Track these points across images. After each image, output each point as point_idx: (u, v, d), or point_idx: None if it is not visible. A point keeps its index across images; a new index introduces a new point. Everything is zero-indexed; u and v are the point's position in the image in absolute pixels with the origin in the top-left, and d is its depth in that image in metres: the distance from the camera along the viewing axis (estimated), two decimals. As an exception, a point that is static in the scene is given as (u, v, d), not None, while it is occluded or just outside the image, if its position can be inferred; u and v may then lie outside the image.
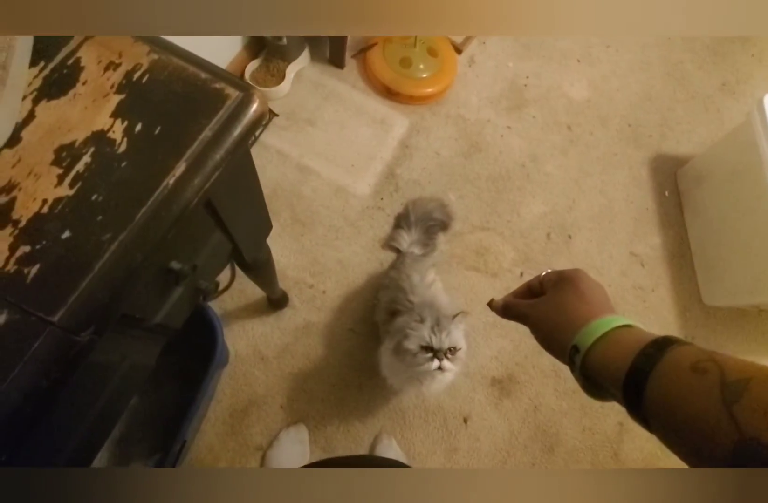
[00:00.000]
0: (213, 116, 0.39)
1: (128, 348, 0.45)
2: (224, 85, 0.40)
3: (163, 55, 0.41)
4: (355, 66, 1.41)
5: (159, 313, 0.46)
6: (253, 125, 0.40)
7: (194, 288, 0.50)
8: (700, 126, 1.56)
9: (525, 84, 1.52)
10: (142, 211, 0.35)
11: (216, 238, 0.51)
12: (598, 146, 1.47)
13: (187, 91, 0.39)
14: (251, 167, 0.49)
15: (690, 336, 1.28)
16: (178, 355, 0.90)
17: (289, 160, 1.24)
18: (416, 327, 0.76)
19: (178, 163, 0.37)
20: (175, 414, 0.77)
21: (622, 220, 1.38)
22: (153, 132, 0.38)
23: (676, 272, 1.34)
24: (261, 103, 0.41)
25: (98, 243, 0.34)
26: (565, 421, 1.12)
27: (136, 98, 0.39)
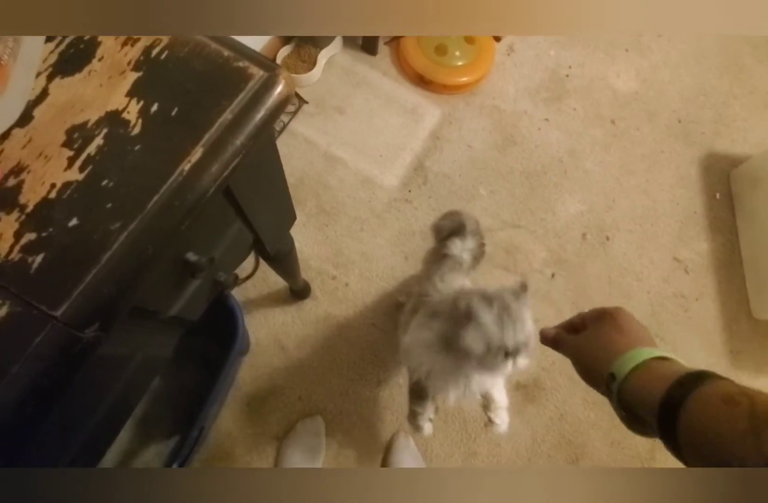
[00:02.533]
0: (234, 97, 0.35)
1: (142, 340, 0.43)
2: (248, 63, 0.37)
3: None
4: (388, 53, 1.35)
5: (174, 306, 0.43)
6: (277, 108, 0.36)
7: (212, 281, 0.47)
8: (759, 124, 1.42)
9: (567, 74, 1.43)
10: (155, 199, 0.32)
11: (236, 229, 0.48)
12: (644, 142, 1.37)
13: (208, 69, 0.36)
14: (275, 154, 0.46)
15: (735, 351, 1.18)
16: (200, 340, 0.90)
17: (316, 148, 1.21)
18: (479, 313, 0.56)
19: (195, 148, 0.33)
20: (194, 397, 0.77)
21: (666, 223, 1.28)
22: (170, 113, 0.34)
23: (723, 281, 1.24)
24: (287, 84, 0.37)
25: (107, 232, 0.31)
26: (593, 433, 1.06)
27: (154, 76, 0.35)
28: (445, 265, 0.93)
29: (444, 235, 1.03)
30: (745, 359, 1.18)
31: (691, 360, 1.16)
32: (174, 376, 0.91)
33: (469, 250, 0.97)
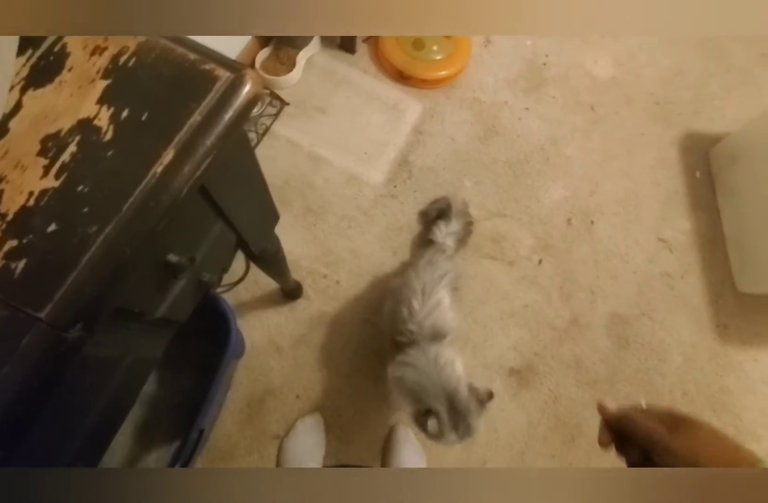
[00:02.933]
0: (202, 99, 0.36)
1: (131, 342, 0.44)
2: (214, 65, 0.38)
3: (150, 37, 0.38)
4: (367, 50, 1.36)
5: (160, 307, 0.45)
6: (245, 108, 0.37)
7: (197, 281, 0.48)
8: (736, 101, 1.44)
9: (544, 63, 1.44)
10: (129, 201, 0.33)
11: (217, 229, 0.49)
12: (624, 126, 1.39)
13: (175, 73, 0.37)
14: (249, 153, 0.47)
15: (722, 325, 1.20)
16: (195, 345, 0.91)
17: (300, 149, 1.21)
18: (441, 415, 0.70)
19: (167, 150, 0.35)
20: (193, 402, 0.78)
21: (649, 204, 1.30)
22: (140, 118, 0.36)
23: (707, 258, 1.26)
24: (254, 84, 0.38)
25: (84, 236, 0.32)
26: (587, 413, 1.08)
27: (123, 83, 0.37)
28: (429, 252, 0.95)
29: (431, 218, 1.05)
30: (732, 333, 1.20)
31: (680, 337, 1.19)
32: (171, 382, 0.92)
33: (454, 233, 0.99)
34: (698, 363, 1.16)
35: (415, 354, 0.78)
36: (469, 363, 1.07)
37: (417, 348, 0.79)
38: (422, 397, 0.73)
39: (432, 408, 0.70)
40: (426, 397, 0.72)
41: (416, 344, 0.79)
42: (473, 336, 1.11)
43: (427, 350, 0.78)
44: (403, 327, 0.81)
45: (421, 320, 0.81)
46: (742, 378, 1.17)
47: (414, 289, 0.84)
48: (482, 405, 0.73)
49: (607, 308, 1.18)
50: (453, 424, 0.70)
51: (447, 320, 0.83)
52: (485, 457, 1.03)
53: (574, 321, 1.16)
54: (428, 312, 0.82)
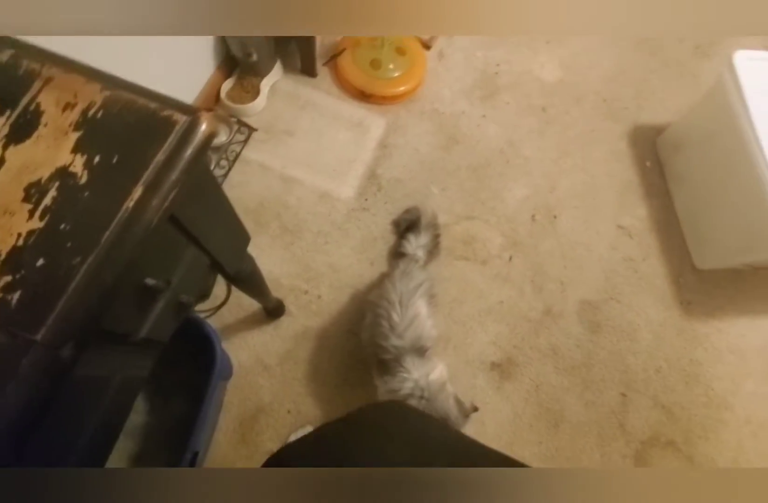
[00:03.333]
0: (164, 141, 0.41)
1: (118, 361, 0.49)
2: (172, 111, 0.43)
3: (115, 91, 0.44)
4: (328, 73, 1.43)
5: (143, 328, 0.48)
6: (203, 144, 0.43)
7: (176, 302, 0.53)
8: (676, 93, 1.54)
9: (496, 72, 1.53)
10: (106, 234, 0.38)
11: (191, 253, 0.54)
12: (575, 125, 1.47)
13: (139, 120, 0.42)
14: (212, 182, 0.52)
15: (686, 302, 1.27)
16: (183, 371, 0.93)
17: (271, 172, 1.27)
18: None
19: (136, 187, 0.40)
20: (185, 427, 0.78)
21: (606, 195, 1.38)
22: (111, 161, 0.41)
23: (665, 240, 1.33)
24: (209, 123, 0.43)
25: (69, 267, 0.37)
26: (568, 397, 1.13)
27: (93, 133, 0.42)
28: (403, 262, 1.00)
29: (402, 229, 1.10)
30: (696, 308, 1.27)
31: (648, 316, 1.26)
32: (162, 410, 0.92)
33: (423, 246, 1.03)
34: (667, 339, 1.23)
35: (402, 377, 0.81)
36: (451, 361, 1.13)
37: (403, 369, 0.81)
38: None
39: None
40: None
41: (402, 359, 0.82)
42: (453, 335, 1.16)
43: (413, 370, 0.81)
44: (386, 343, 0.84)
45: (402, 332, 0.84)
46: (710, 349, 1.23)
47: (392, 302, 0.87)
48: (467, 416, 0.80)
49: (577, 296, 1.24)
50: None
51: (427, 329, 0.87)
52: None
53: (548, 312, 1.22)
54: (408, 324, 0.85)
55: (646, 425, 1.13)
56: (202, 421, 0.77)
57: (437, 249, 1.03)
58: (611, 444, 1.11)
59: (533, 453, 1.08)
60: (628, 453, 1.10)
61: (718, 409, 1.18)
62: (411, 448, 0.47)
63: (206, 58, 1.26)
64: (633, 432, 1.12)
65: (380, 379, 0.86)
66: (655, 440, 1.12)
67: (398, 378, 0.82)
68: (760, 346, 1.26)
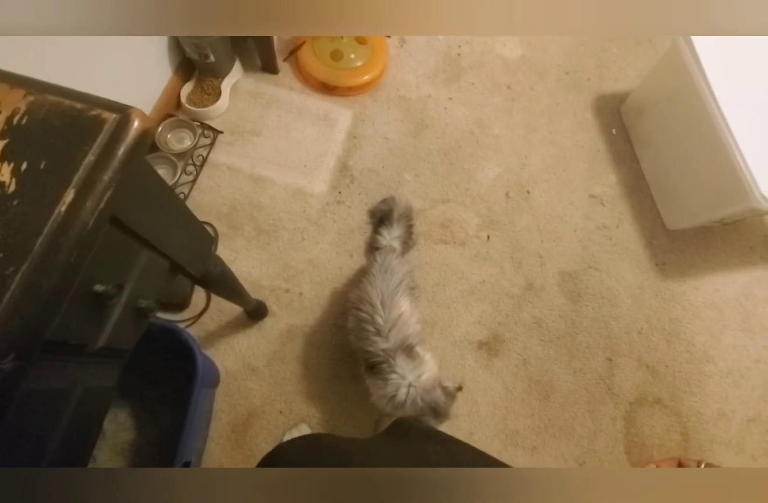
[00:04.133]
0: (93, 141, 0.39)
1: (78, 373, 0.47)
2: (100, 110, 0.41)
3: (39, 96, 0.41)
4: (289, 69, 1.39)
5: (100, 337, 0.47)
6: (137, 142, 0.41)
7: (134, 308, 0.51)
8: (635, 60, 1.53)
9: (458, 53, 1.50)
10: (39, 241, 0.36)
11: (145, 256, 0.52)
12: (540, 99, 1.46)
13: (66, 123, 0.40)
14: (158, 182, 0.50)
15: (660, 263, 1.28)
16: (168, 383, 0.91)
17: (241, 173, 1.24)
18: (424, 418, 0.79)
19: (67, 190, 0.38)
20: (175, 440, 0.76)
21: (576, 166, 1.37)
22: (39, 167, 0.39)
23: (636, 205, 1.34)
24: (142, 120, 0.41)
25: (3, 277, 0.35)
26: (556, 368, 1.14)
27: (19, 140, 0.40)
28: (380, 255, 0.98)
29: (375, 222, 1.08)
30: (670, 268, 1.28)
31: (625, 281, 1.27)
32: (151, 425, 0.89)
33: (398, 238, 1.02)
34: (646, 301, 1.24)
35: (396, 383, 0.80)
36: (439, 345, 1.13)
37: (395, 373, 0.80)
38: (409, 413, 0.80)
39: (419, 418, 0.78)
40: (412, 412, 0.80)
41: (392, 362, 0.81)
42: (439, 319, 1.16)
43: (405, 373, 0.80)
44: (374, 348, 0.82)
45: (388, 335, 0.82)
46: (687, 307, 1.25)
47: (374, 304, 0.84)
48: (453, 398, 0.80)
49: (556, 268, 1.25)
50: (438, 422, 0.79)
51: (412, 326, 0.85)
52: (471, 429, 1.07)
53: (529, 286, 1.22)
54: (393, 325, 0.83)
55: (633, 386, 1.15)
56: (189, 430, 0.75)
57: (411, 240, 1.01)
58: (601, 408, 1.12)
59: (526, 425, 1.09)
60: (618, 415, 1.12)
61: (701, 363, 1.20)
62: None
63: (161, 63, 1.23)
64: (621, 395, 1.14)
65: (372, 383, 0.83)
66: (642, 400, 1.14)
67: (391, 384, 0.80)
68: (734, 299, 1.27)
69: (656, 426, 1.13)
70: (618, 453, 1.09)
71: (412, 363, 0.82)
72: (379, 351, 0.82)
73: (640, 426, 1.12)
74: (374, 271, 0.91)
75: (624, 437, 1.11)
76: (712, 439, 1.13)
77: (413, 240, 1.01)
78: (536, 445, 1.07)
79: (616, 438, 1.10)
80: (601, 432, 1.10)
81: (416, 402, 0.79)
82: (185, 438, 0.74)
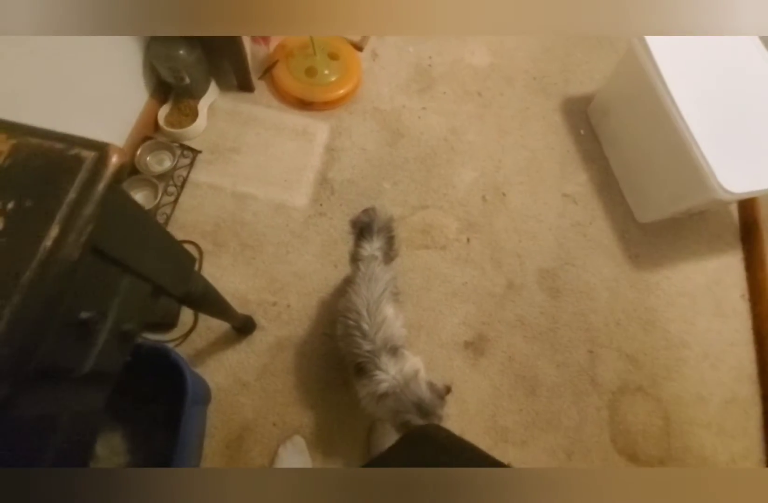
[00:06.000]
0: (74, 179, 0.40)
1: (66, 399, 0.47)
2: (79, 149, 0.42)
3: (21, 138, 0.42)
4: (265, 87, 1.39)
5: (86, 362, 0.47)
6: (115, 176, 0.42)
7: (119, 332, 0.51)
8: (599, 62, 1.55)
9: (429, 64, 1.51)
10: (27, 274, 0.37)
11: (127, 281, 0.52)
12: (510, 105, 1.47)
13: (47, 163, 0.41)
14: (135, 208, 0.51)
15: (634, 256, 1.30)
16: (160, 405, 0.89)
17: (223, 191, 1.23)
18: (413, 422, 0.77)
19: (52, 226, 0.39)
20: (168, 460, 0.74)
21: (548, 167, 1.39)
22: (24, 206, 0.40)
23: (607, 201, 1.35)
24: (119, 156, 0.43)
25: None
26: (540, 363, 1.15)
27: (3, 181, 0.40)
28: (363, 264, 0.97)
29: (357, 230, 1.08)
30: (643, 260, 1.30)
31: (602, 275, 1.29)
32: (144, 447, 0.87)
33: (379, 248, 1.02)
34: (622, 293, 1.25)
35: (379, 379, 0.80)
36: (426, 348, 1.13)
37: (379, 370, 0.81)
38: (396, 414, 0.79)
39: (407, 421, 0.77)
40: (399, 413, 0.78)
41: (376, 361, 0.81)
42: (424, 322, 1.16)
43: (388, 368, 0.81)
44: (360, 350, 0.83)
45: (373, 337, 0.83)
46: (661, 295, 1.26)
47: (360, 312, 0.85)
48: (442, 398, 0.79)
49: (535, 266, 1.25)
50: (425, 421, 0.77)
51: (396, 329, 0.86)
52: (461, 428, 1.07)
53: (510, 285, 1.23)
54: (377, 329, 0.84)
55: (615, 375, 1.16)
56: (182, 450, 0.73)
57: (393, 251, 1.01)
58: (585, 399, 1.13)
59: (515, 420, 1.09)
60: (602, 404, 1.13)
61: (677, 349, 1.21)
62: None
63: (137, 86, 1.22)
64: (604, 384, 1.15)
65: (359, 384, 0.84)
66: (624, 388, 1.15)
67: (375, 380, 0.81)
68: (705, 285, 1.29)
69: (639, 412, 1.13)
70: (604, 441, 1.10)
71: (395, 361, 0.82)
72: (365, 353, 0.83)
73: (623, 414, 1.13)
74: (359, 280, 0.91)
75: (609, 425, 1.11)
76: (693, 422, 1.14)
77: (395, 251, 1.01)
78: (525, 439, 1.08)
79: (602, 427, 1.11)
80: (586, 423, 1.11)
81: (399, 398, 0.78)
82: (178, 457, 0.73)
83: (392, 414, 0.80)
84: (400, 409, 0.78)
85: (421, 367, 0.84)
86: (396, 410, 0.79)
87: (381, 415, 0.84)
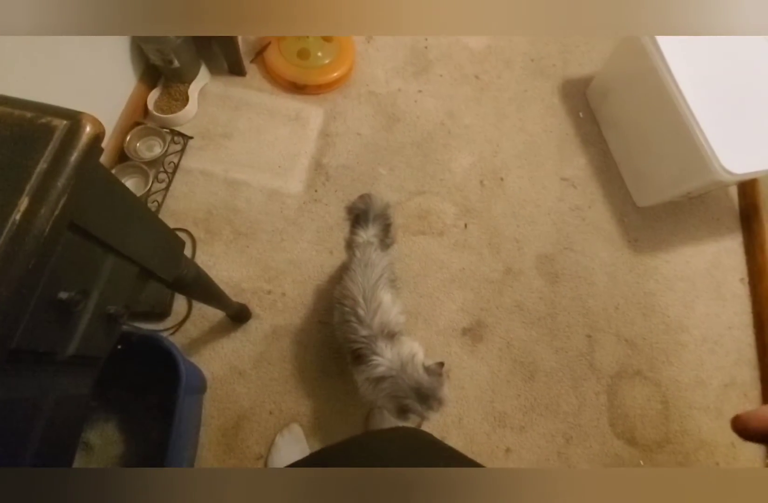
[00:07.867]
0: (44, 149, 0.37)
1: (50, 382, 0.44)
2: (50, 118, 0.38)
3: None
4: (257, 70, 1.33)
5: (69, 345, 0.44)
6: (90, 147, 0.39)
7: (103, 315, 0.48)
8: (598, 44, 1.49)
9: (425, 46, 1.45)
10: None
11: (111, 262, 0.49)
12: (508, 87, 1.42)
13: (15, 132, 0.38)
14: (118, 186, 0.47)
15: (633, 240, 1.26)
16: (155, 394, 0.88)
17: (215, 178, 1.19)
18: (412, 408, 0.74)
19: (21, 198, 0.36)
20: (164, 450, 0.72)
21: (546, 151, 1.34)
22: None
23: (606, 185, 1.31)
24: (93, 125, 0.39)
25: None
26: (538, 348, 1.12)
27: None
28: (359, 250, 0.95)
29: (353, 217, 1.04)
30: (642, 244, 1.26)
31: (600, 259, 1.26)
32: (140, 437, 0.86)
33: (375, 235, 0.99)
34: (621, 277, 1.22)
35: (376, 364, 0.78)
36: (424, 335, 1.10)
37: (376, 355, 0.79)
38: (394, 399, 0.76)
39: (405, 405, 0.74)
40: (398, 398, 0.76)
41: (373, 346, 0.79)
42: (422, 309, 1.13)
43: (385, 353, 0.78)
44: (356, 335, 0.81)
45: (370, 322, 0.81)
46: (660, 280, 1.23)
47: (356, 299, 0.83)
48: (440, 376, 0.77)
49: (533, 251, 1.22)
50: (427, 407, 0.74)
51: (393, 315, 0.84)
52: (460, 414, 1.05)
53: (508, 271, 1.20)
54: (373, 314, 0.82)
55: (614, 360, 1.14)
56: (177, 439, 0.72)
57: (390, 238, 0.98)
58: (584, 384, 1.11)
59: (514, 406, 1.07)
60: (600, 389, 1.11)
61: (676, 333, 1.19)
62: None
63: (125, 70, 1.16)
64: (602, 369, 1.13)
65: (356, 370, 0.82)
66: (623, 372, 1.13)
67: (372, 364, 0.78)
68: (704, 269, 1.26)
69: (637, 397, 1.12)
70: (603, 426, 1.08)
71: (392, 346, 0.80)
72: (361, 338, 0.81)
73: (622, 399, 1.11)
74: (354, 266, 0.89)
75: (607, 410, 1.10)
76: (691, 406, 1.13)
77: (391, 238, 0.98)
78: (524, 425, 1.06)
79: (600, 411, 1.09)
80: (585, 407, 1.09)
81: (396, 381, 0.76)
82: (174, 447, 0.71)
83: (391, 399, 0.77)
84: (398, 394, 0.76)
85: (419, 351, 0.81)
86: (394, 395, 0.76)
87: (380, 401, 0.81)
